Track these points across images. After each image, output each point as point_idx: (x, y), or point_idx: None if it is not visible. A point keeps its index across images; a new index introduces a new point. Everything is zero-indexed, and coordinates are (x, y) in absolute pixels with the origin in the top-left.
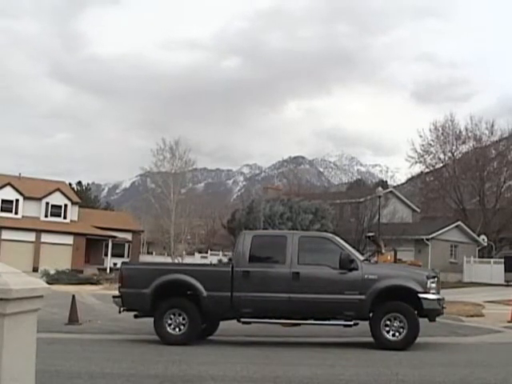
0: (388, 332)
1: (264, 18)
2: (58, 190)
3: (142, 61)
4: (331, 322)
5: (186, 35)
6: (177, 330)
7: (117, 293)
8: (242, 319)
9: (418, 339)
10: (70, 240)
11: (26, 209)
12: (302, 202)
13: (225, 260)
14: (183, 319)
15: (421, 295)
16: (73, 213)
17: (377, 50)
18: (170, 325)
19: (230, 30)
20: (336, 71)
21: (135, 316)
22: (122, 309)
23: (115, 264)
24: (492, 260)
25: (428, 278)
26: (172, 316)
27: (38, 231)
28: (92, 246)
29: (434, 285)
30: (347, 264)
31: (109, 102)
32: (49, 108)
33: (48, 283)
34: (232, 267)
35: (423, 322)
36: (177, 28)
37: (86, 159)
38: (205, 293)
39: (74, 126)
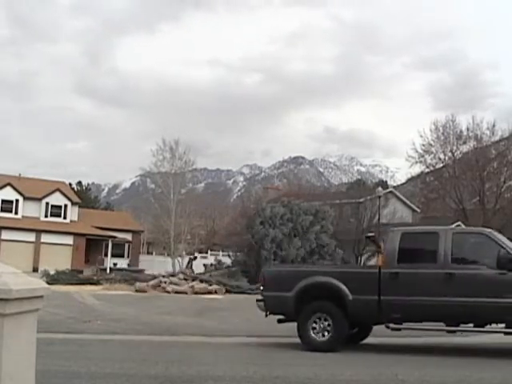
0: None
1: (285, 41)
2: (58, 190)
3: (165, 77)
4: (490, 329)
5: (209, 55)
6: (321, 335)
7: (116, 292)
8: (391, 325)
9: (419, 339)
10: (69, 240)
11: (26, 209)
12: (302, 203)
13: (227, 260)
14: (328, 324)
15: None
16: (73, 213)
17: (389, 64)
18: (314, 329)
19: (252, 51)
20: (347, 86)
21: (279, 321)
22: (267, 313)
23: (115, 264)
24: None
25: None
26: (317, 320)
27: (38, 231)
28: (92, 246)
29: None
30: (507, 263)
31: (127, 113)
32: (69, 118)
33: (48, 283)
34: (379, 268)
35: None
36: (202, 48)
37: (99, 165)
38: (350, 296)
39: (90, 135)
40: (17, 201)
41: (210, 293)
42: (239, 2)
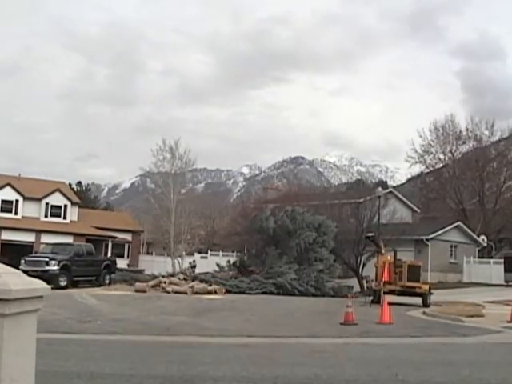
0: None
1: None
2: (58, 190)
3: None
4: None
5: None
6: None
7: (116, 293)
8: None
9: (419, 339)
10: (69, 240)
11: (26, 209)
12: (305, 213)
13: (232, 261)
14: None
15: None
16: (72, 213)
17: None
18: None
19: None
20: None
21: None
22: None
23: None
24: (492, 260)
25: None
26: None
27: (38, 231)
28: None
29: None
30: None
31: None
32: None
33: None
34: None
35: (422, 322)
36: None
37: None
38: None
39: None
40: (17, 201)
41: (209, 293)
42: None
